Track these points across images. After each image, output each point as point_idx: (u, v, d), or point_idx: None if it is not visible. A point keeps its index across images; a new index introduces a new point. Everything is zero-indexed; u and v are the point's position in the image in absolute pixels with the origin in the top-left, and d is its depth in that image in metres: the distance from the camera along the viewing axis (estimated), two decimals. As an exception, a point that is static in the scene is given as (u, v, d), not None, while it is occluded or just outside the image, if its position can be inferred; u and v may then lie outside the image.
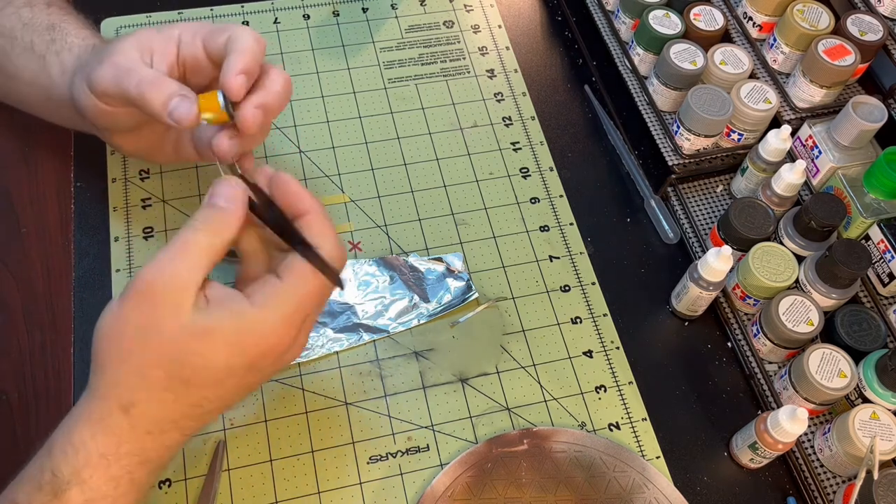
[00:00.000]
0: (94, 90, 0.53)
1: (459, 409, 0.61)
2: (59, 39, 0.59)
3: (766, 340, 0.63)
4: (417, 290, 0.65)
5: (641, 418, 0.62)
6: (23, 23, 0.60)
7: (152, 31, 0.54)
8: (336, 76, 0.78)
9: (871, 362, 0.59)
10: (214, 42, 0.52)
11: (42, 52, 0.59)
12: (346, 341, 0.63)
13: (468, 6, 0.85)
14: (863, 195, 0.65)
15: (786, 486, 0.61)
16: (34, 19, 0.60)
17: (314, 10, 0.82)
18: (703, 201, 0.73)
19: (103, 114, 0.54)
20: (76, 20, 0.62)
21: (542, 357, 0.64)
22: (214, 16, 0.80)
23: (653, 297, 0.69)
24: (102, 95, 0.53)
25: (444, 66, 0.80)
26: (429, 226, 0.70)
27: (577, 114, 0.79)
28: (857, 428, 0.56)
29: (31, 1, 0.62)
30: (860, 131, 0.66)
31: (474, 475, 0.58)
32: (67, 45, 0.59)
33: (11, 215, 0.67)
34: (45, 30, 0.60)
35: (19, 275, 0.64)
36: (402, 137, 0.75)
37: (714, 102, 0.69)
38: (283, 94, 0.52)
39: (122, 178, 0.69)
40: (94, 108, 0.54)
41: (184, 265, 0.44)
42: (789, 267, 0.63)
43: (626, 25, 0.78)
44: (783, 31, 0.72)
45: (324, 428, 0.60)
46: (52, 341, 0.61)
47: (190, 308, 0.44)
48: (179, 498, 0.56)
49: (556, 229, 0.71)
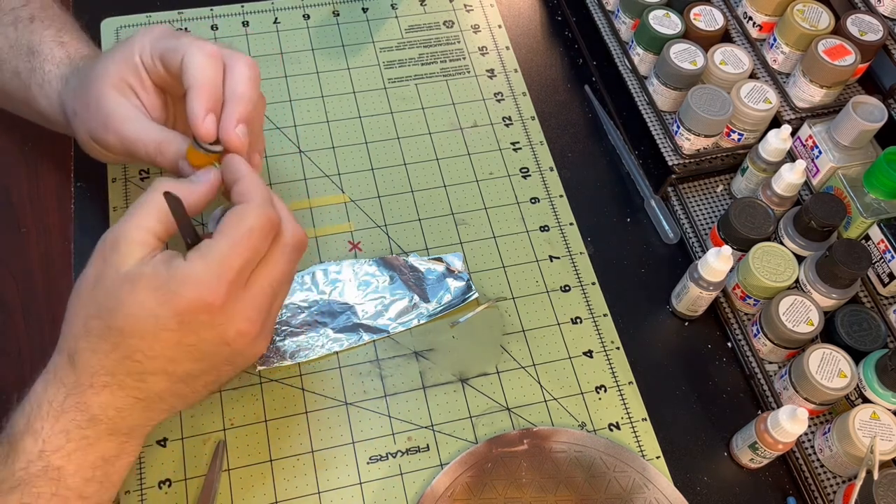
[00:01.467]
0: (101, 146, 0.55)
1: (459, 409, 0.61)
2: (38, 69, 0.59)
3: (766, 340, 0.63)
4: (417, 290, 0.65)
5: (641, 418, 0.62)
6: (9, 45, 0.60)
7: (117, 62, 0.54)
8: (336, 76, 0.78)
9: (871, 362, 0.59)
10: (171, 65, 0.53)
11: (27, 82, 0.59)
12: (346, 341, 0.63)
13: (468, 6, 0.85)
14: (863, 195, 0.65)
15: (786, 486, 0.61)
16: (18, 40, 0.60)
17: (314, 10, 0.82)
18: (703, 201, 0.73)
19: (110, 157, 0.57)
20: (53, 35, 0.60)
21: (542, 357, 0.64)
22: (214, 16, 0.80)
23: (653, 297, 0.68)
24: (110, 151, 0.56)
25: (444, 66, 0.80)
26: (429, 226, 0.70)
27: (577, 114, 0.79)
28: (857, 428, 0.56)
29: (18, 17, 0.61)
30: (860, 131, 0.66)
31: (474, 475, 0.58)
32: (46, 76, 0.58)
33: (11, 215, 0.67)
34: (26, 56, 0.59)
35: (19, 275, 0.64)
36: (402, 137, 0.75)
37: (714, 102, 0.69)
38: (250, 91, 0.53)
39: (122, 178, 0.69)
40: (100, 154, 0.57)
41: (135, 221, 0.47)
42: (789, 267, 0.63)
43: (626, 25, 0.78)
44: (783, 31, 0.72)
45: (324, 428, 0.60)
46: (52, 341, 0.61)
47: (133, 261, 0.46)
48: (179, 498, 0.56)
49: (556, 229, 0.71)
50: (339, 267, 0.66)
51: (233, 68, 0.53)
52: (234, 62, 0.53)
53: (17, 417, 0.46)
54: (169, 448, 0.57)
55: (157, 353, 0.46)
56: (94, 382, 0.46)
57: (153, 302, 0.45)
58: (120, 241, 0.46)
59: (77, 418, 0.46)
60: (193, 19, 0.80)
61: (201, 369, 0.48)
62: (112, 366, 0.46)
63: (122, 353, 0.46)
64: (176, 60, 0.52)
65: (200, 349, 0.47)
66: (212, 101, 0.51)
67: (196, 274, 0.45)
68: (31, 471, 0.44)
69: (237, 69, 0.53)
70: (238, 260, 0.46)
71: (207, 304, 0.45)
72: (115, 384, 0.46)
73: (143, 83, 0.55)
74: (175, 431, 0.58)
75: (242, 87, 0.52)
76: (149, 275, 0.45)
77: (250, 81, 0.53)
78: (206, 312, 0.45)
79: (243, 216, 0.47)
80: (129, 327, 0.45)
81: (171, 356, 0.46)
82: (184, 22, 0.79)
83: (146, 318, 0.45)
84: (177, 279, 0.45)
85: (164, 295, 0.45)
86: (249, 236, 0.46)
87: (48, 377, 0.47)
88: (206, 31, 0.79)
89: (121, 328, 0.45)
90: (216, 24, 0.80)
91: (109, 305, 0.45)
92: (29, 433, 0.45)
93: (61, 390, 0.46)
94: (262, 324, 0.48)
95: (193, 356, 0.47)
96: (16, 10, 0.61)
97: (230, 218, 0.47)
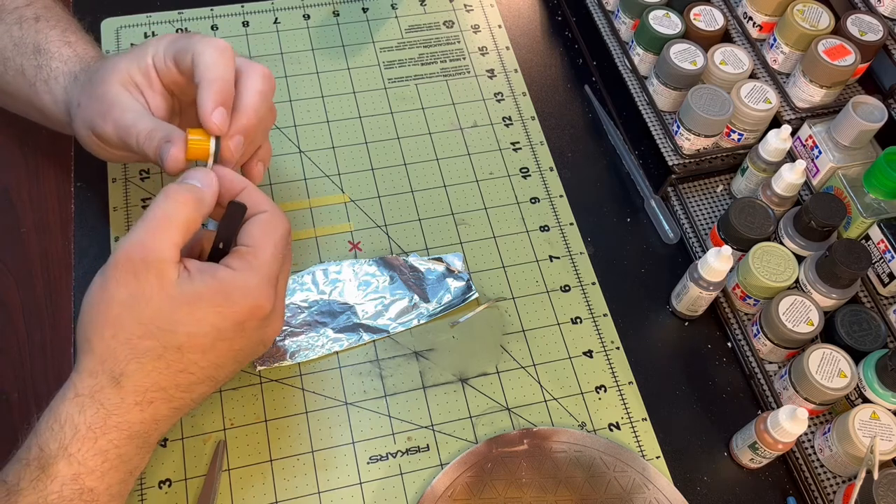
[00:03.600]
0: (101, 139, 0.55)
1: (459, 409, 0.61)
2: (45, 66, 0.59)
3: (766, 340, 0.63)
4: (417, 290, 0.65)
5: (641, 418, 0.62)
6: (13, 43, 0.60)
7: (129, 60, 0.55)
8: (336, 76, 0.78)
9: (871, 362, 0.59)
10: (183, 64, 0.54)
11: (32, 80, 0.59)
12: (346, 341, 0.63)
13: (468, 6, 0.85)
14: (863, 195, 0.65)
15: (786, 486, 0.61)
16: (23, 39, 0.60)
17: (314, 10, 0.82)
18: (703, 201, 0.73)
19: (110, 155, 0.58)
20: (59, 35, 0.60)
21: (542, 357, 0.64)
22: (214, 16, 0.80)
23: (653, 297, 0.69)
24: (108, 146, 0.56)
25: (444, 66, 0.80)
26: (429, 226, 0.70)
27: (577, 114, 0.79)
28: (857, 428, 0.56)
29: (22, 16, 0.61)
30: (860, 131, 0.66)
31: (474, 475, 0.58)
32: (53, 73, 0.58)
33: (11, 215, 0.67)
34: (32, 54, 0.59)
35: (19, 275, 0.64)
36: (402, 137, 0.75)
37: (714, 102, 0.69)
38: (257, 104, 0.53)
39: (122, 178, 0.69)
40: (98, 148, 0.57)
41: (165, 238, 0.46)
42: (789, 267, 0.63)
43: (626, 25, 0.78)
44: (783, 31, 0.72)
45: (324, 428, 0.60)
46: (52, 341, 0.61)
47: (175, 279, 0.46)
48: (179, 498, 0.56)
49: (556, 229, 0.71)
50: (339, 267, 0.66)
51: (246, 78, 0.53)
52: (250, 72, 0.54)
53: (47, 439, 0.45)
54: (169, 448, 0.58)
55: (210, 361, 0.47)
56: (142, 400, 0.46)
57: (215, 317, 0.46)
58: (155, 262, 0.45)
59: (116, 438, 0.46)
60: (193, 19, 0.80)
61: (235, 369, 0.50)
62: (165, 382, 0.46)
63: (177, 368, 0.46)
64: (187, 58, 0.53)
65: (244, 351, 0.49)
66: (222, 95, 0.51)
67: (250, 284, 0.47)
68: (65, 494, 0.44)
69: (250, 80, 0.54)
70: (277, 266, 0.49)
71: (261, 308, 0.48)
72: (163, 398, 0.47)
73: (151, 84, 0.55)
74: (175, 431, 0.58)
75: (249, 98, 0.53)
76: (204, 293, 0.46)
77: (260, 94, 0.54)
78: (259, 318, 0.48)
79: (276, 226, 0.50)
80: (190, 344, 0.46)
81: (219, 362, 0.48)
82: (184, 22, 0.79)
83: (207, 334, 0.46)
84: (234, 293, 0.46)
85: (225, 309, 0.46)
86: (283, 243, 0.50)
87: (84, 401, 0.45)
88: (206, 31, 0.79)
89: (181, 346, 0.46)
90: (216, 25, 0.80)
91: (166, 327, 0.45)
92: (63, 457, 0.44)
93: (101, 412, 0.45)
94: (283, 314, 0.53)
95: (237, 358, 0.49)
96: (20, 9, 0.61)
97: (262, 227, 0.49)
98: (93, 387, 0.45)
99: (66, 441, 0.44)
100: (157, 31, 0.78)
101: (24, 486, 0.44)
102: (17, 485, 0.44)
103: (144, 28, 0.78)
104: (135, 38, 0.78)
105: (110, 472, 0.46)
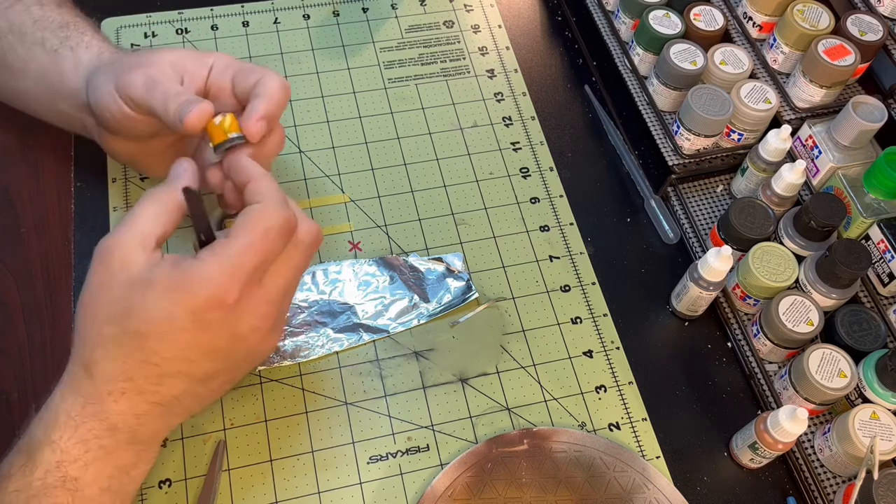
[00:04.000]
0: (121, 93, 0.54)
1: (459, 409, 0.61)
2: (75, 36, 0.60)
3: (766, 340, 0.63)
4: (417, 290, 0.65)
5: (641, 418, 0.62)
6: (33, 19, 0.60)
7: (188, 53, 0.56)
8: (336, 76, 0.78)
9: (871, 362, 0.59)
10: (245, 81, 0.54)
11: (54, 47, 0.59)
12: (346, 341, 0.63)
13: (468, 6, 0.85)
14: (863, 195, 0.65)
15: (786, 486, 0.61)
16: (45, 17, 0.61)
17: (314, 10, 0.82)
18: (703, 201, 0.73)
19: (123, 117, 0.55)
20: (91, 23, 0.62)
21: (542, 357, 0.64)
22: (214, 16, 0.80)
23: (653, 297, 0.69)
24: (128, 100, 0.54)
25: (444, 66, 0.80)
26: (429, 226, 0.70)
27: (577, 114, 0.79)
28: (857, 428, 0.56)
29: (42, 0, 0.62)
30: (860, 131, 0.66)
31: (474, 475, 0.58)
32: (84, 42, 0.59)
33: (11, 215, 0.67)
34: (59, 27, 0.60)
35: (19, 275, 0.64)
36: (402, 137, 0.75)
37: (714, 102, 0.69)
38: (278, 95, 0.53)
39: (122, 178, 0.69)
40: (115, 110, 0.55)
41: (132, 228, 0.47)
42: (789, 267, 0.63)
43: (626, 25, 0.78)
44: (783, 31, 0.72)
45: (324, 428, 0.60)
46: (51, 341, 0.61)
47: (139, 266, 0.46)
48: (179, 498, 0.56)
49: (556, 229, 0.71)
50: (339, 267, 0.66)
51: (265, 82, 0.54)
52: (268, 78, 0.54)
53: (35, 427, 0.46)
54: (169, 448, 0.57)
55: (174, 354, 0.46)
56: (112, 390, 0.46)
57: (167, 302, 0.45)
58: (119, 247, 0.46)
59: (96, 428, 0.46)
60: (193, 19, 0.80)
61: (217, 368, 0.49)
62: (130, 371, 0.46)
63: (139, 357, 0.46)
64: (250, 79, 0.53)
65: (216, 347, 0.47)
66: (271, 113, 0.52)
67: (209, 273, 0.45)
68: (48, 481, 0.44)
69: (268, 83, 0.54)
70: (253, 260, 0.46)
71: (221, 301, 0.45)
72: (133, 390, 0.46)
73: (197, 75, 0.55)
74: (175, 431, 0.58)
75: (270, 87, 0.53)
76: (160, 276, 0.45)
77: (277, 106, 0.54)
78: (219, 310, 0.46)
79: (260, 217, 0.47)
80: (145, 329, 0.45)
81: (187, 356, 0.47)
82: (184, 22, 0.79)
83: (162, 320, 0.45)
84: (190, 279, 0.45)
85: (178, 295, 0.45)
86: (265, 237, 0.47)
87: (65, 388, 0.47)
88: (206, 31, 0.79)
89: (136, 331, 0.45)
90: (216, 24, 0.80)
91: (122, 310, 0.45)
92: (47, 444, 0.45)
93: (78, 400, 0.46)
94: (275, 319, 0.49)
95: (210, 355, 0.47)
96: None
97: (246, 217, 0.47)
98: (71, 374, 0.47)
99: (49, 428, 0.45)
100: (157, 31, 0.78)
101: (13, 473, 0.45)
102: (8, 471, 0.45)
103: (144, 28, 0.78)
104: (135, 38, 0.78)
105: (94, 462, 0.46)
